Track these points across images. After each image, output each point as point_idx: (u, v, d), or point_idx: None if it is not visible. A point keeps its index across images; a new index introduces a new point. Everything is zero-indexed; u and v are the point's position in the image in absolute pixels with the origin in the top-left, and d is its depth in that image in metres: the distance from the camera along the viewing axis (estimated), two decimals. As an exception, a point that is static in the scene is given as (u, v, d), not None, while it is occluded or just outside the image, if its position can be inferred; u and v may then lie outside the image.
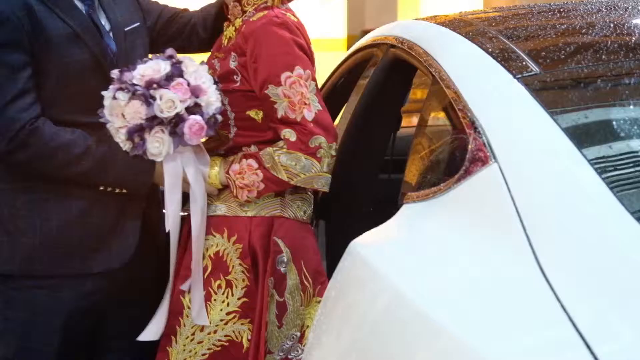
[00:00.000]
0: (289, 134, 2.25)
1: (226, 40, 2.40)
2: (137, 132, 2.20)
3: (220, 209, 2.36)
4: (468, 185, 1.78)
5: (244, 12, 2.37)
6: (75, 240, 2.33)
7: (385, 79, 2.59)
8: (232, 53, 2.32)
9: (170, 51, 2.28)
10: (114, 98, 2.21)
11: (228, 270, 2.33)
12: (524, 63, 1.92)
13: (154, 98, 2.18)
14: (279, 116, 2.25)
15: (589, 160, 1.64)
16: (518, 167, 1.71)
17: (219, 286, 2.33)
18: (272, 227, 2.33)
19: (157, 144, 2.20)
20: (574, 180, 1.64)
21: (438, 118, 2.19)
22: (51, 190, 2.31)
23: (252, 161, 2.28)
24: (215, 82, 2.28)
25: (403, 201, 2.01)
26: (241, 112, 2.33)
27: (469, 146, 1.81)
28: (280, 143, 2.27)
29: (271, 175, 2.26)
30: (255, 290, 2.31)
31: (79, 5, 2.32)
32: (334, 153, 2.27)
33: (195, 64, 2.27)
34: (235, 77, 2.31)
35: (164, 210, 2.43)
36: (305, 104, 2.24)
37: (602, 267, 1.46)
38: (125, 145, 2.23)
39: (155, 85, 2.19)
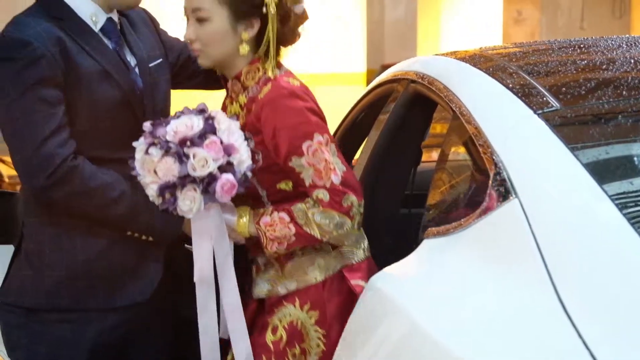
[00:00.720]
0: (322, 194, 2.24)
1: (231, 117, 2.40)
2: (169, 189, 2.21)
3: (291, 285, 2.36)
4: (489, 221, 1.78)
5: (244, 88, 2.36)
6: (100, 275, 2.34)
7: (406, 114, 2.60)
8: (247, 133, 2.32)
9: (202, 105, 2.28)
10: (147, 153, 2.22)
11: (303, 338, 2.33)
12: (544, 99, 1.92)
13: (187, 156, 2.19)
14: (307, 184, 2.26)
15: (609, 196, 1.64)
16: (539, 202, 1.71)
17: (294, 355, 2.33)
18: (344, 278, 2.34)
19: (189, 202, 2.21)
20: (594, 216, 1.64)
21: (458, 153, 2.20)
22: (77, 225, 2.32)
23: (284, 214, 2.28)
24: (246, 139, 2.28)
25: (424, 236, 2.02)
26: (272, 187, 2.34)
27: (490, 181, 1.82)
28: (312, 201, 2.27)
29: (303, 231, 2.26)
30: (330, 354, 2.30)
31: (107, 42, 2.35)
32: (362, 211, 2.28)
33: (228, 120, 2.26)
34: (256, 156, 2.32)
35: (186, 245, 2.43)
36: (331, 168, 2.24)
37: (624, 303, 1.46)
38: (156, 200, 2.24)
39: (188, 143, 2.20)
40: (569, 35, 10.28)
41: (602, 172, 1.73)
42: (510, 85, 2.01)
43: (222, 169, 2.21)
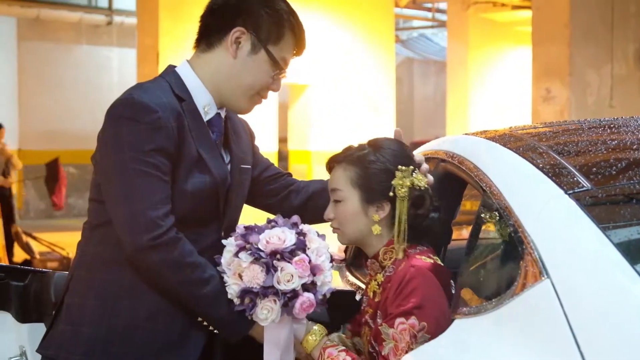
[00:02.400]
0: None
1: (371, 294, 2.43)
2: (250, 295, 2.27)
3: None
4: (521, 301, 1.77)
5: (382, 267, 2.39)
6: (138, 344, 2.34)
7: (436, 193, 2.61)
8: (379, 312, 2.34)
9: (295, 218, 2.36)
10: (236, 255, 2.28)
11: None
12: (575, 179, 1.92)
13: (275, 268, 2.25)
14: (383, 353, 2.21)
15: (642, 277, 1.62)
16: (571, 283, 1.70)
17: None
18: None
19: (266, 312, 2.27)
20: (627, 297, 1.63)
21: (489, 232, 2.19)
22: (125, 288, 2.34)
23: (349, 358, 2.28)
24: (331, 261, 2.33)
25: (454, 316, 2.01)
26: None
27: (521, 261, 1.81)
28: None
29: None
30: None
31: (211, 134, 2.43)
32: None
33: (318, 239, 2.33)
34: (382, 335, 2.27)
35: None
36: (406, 351, 2.17)
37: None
38: (235, 300, 2.29)
39: (278, 256, 2.26)
40: (598, 113, 10.27)
41: (634, 253, 1.72)
42: (541, 165, 2.01)
43: (305, 287, 2.27)
